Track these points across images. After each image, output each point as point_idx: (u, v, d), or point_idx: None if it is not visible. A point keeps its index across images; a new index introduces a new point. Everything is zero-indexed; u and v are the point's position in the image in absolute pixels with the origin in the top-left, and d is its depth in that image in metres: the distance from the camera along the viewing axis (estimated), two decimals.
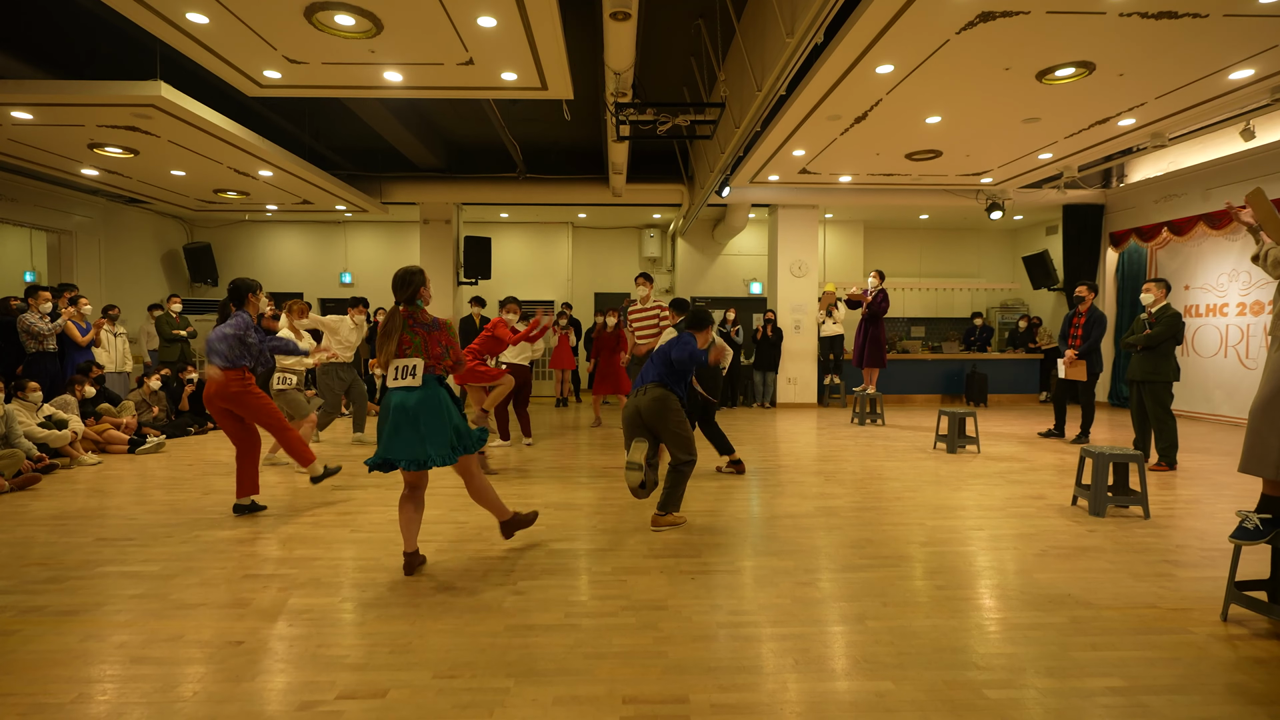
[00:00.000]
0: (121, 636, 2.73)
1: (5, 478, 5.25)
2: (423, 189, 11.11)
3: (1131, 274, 10.90)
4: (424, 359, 3.41)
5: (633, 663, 2.52)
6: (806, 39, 4.64)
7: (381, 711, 2.20)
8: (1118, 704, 2.25)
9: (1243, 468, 2.86)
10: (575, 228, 13.81)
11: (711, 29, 6.54)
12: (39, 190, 9.72)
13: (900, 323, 13.67)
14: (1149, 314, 5.98)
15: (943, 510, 4.66)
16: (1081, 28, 4.91)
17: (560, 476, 5.75)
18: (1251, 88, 6.04)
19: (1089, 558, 3.68)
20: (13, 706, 2.23)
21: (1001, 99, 6.37)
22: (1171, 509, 4.70)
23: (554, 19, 4.98)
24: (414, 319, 3.47)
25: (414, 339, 3.42)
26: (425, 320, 3.48)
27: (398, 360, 3.41)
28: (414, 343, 3.42)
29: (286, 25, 5.15)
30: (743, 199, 10.81)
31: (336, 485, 5.37)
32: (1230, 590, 2.89)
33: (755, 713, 2.20)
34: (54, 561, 3.63)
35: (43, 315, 7.18)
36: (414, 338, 3.43)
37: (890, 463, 6.32)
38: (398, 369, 3.41)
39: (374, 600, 3.10)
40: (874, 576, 3.40)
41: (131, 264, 11.66)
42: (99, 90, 6.15)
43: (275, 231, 13.39)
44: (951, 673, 2.44)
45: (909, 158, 8.49)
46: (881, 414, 9.09)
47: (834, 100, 6.34)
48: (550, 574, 3.43)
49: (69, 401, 6.71)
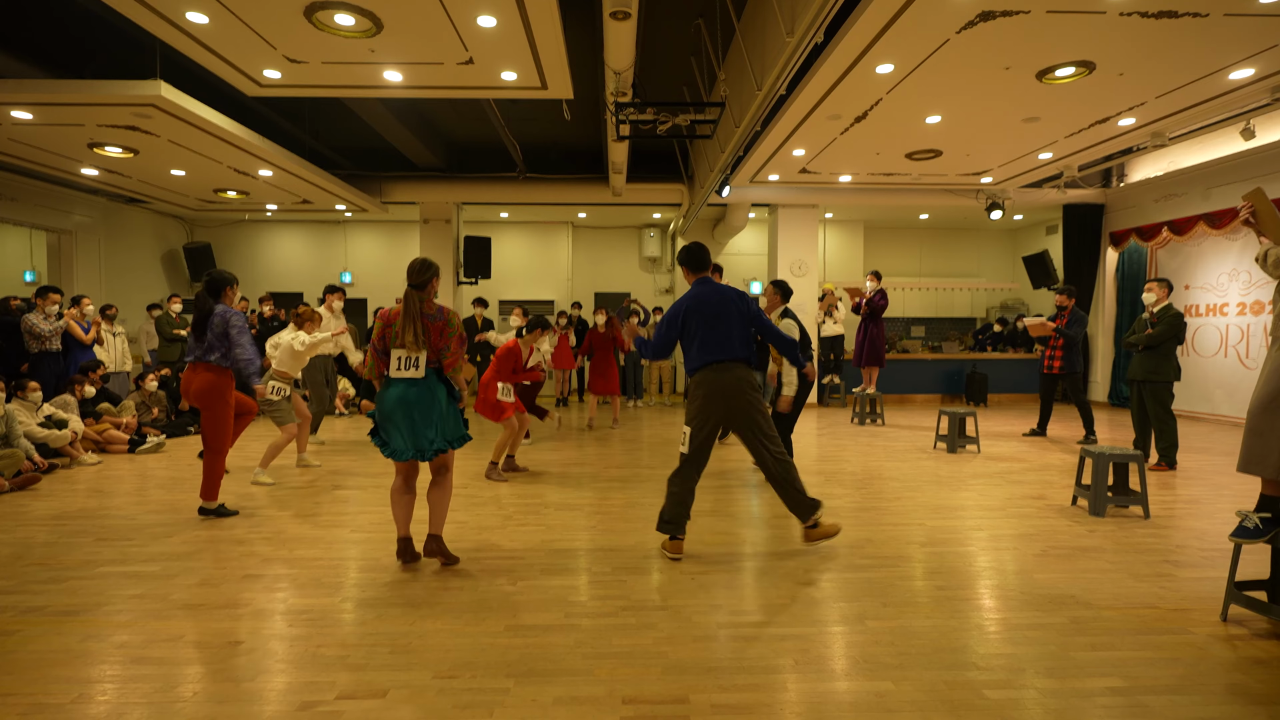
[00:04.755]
0: (121, 636, 2.73)
1: (5, 478, 5.25)
2: (423, 189, 11.11)
3: (1131, 274, 10.90)
4: (426, 350, 3.42)
5: (633, 663, 2.52)
6: (806, 38, 4.64)
7: (381, 711, 2.20)
8: (1118, 704, 2.25)
9: (1242, 467, 2.85)
10: (575, 227, 13.81)
11: (711, 29, 6.54)
12: (39, 190, 9.71)
13: (900, 323, 13.67)
14: (1150, 314, 5.98)
15: (943, 510, 4.66)
16: (1081, 27, 4.91)
17: (560, 476, 5.75)
18: (1251, 87, 6.03)
19: (1089, 558, 3.68)
20: (13, 706, 2.23)
21: (1001, 99, 6.37)
22: (1171, 509, 4.70)
23: (554, 19, 4.97)
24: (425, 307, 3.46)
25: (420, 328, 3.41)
26: (431, 311, 3.46)
27: (401, 351, 3.41)
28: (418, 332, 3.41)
29: (286, 25, 5.15)
30: (743, 199, 10.81)
31: (336, 485, 5.37)
32: (1230, 590, 2.89)
33: (755, 713, 2.20)
34: (54, 561, 3.63)
35: (47, 316, 7.18)
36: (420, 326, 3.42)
37: (890, 463, 6.32)
38: (400, 360, 3.41)
39: (374, 600, 3.10)
40: (874, 576, 3.40)
41: (131, 264, 11.65)
42: (99, 90, 6.15)
43: (275, 231, 13.38)
44: (951, 673, 2.44)
45: (909, 157, 8.49)
46: (881, 414, 9.09)
47: (834, 100, 6.34)
48: (550, 574, 3.43)
49: (69, 401, 6.71)
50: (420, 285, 3.47)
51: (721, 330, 3.68)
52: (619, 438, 7.83)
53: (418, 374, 3.40)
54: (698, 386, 3.71)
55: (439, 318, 3.46)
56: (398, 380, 3.42)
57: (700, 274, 3.89)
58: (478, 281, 11.76)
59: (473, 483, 5.48)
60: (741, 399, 3.64)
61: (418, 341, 3.39)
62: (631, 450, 7.01)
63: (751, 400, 3.65)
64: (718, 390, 3.64)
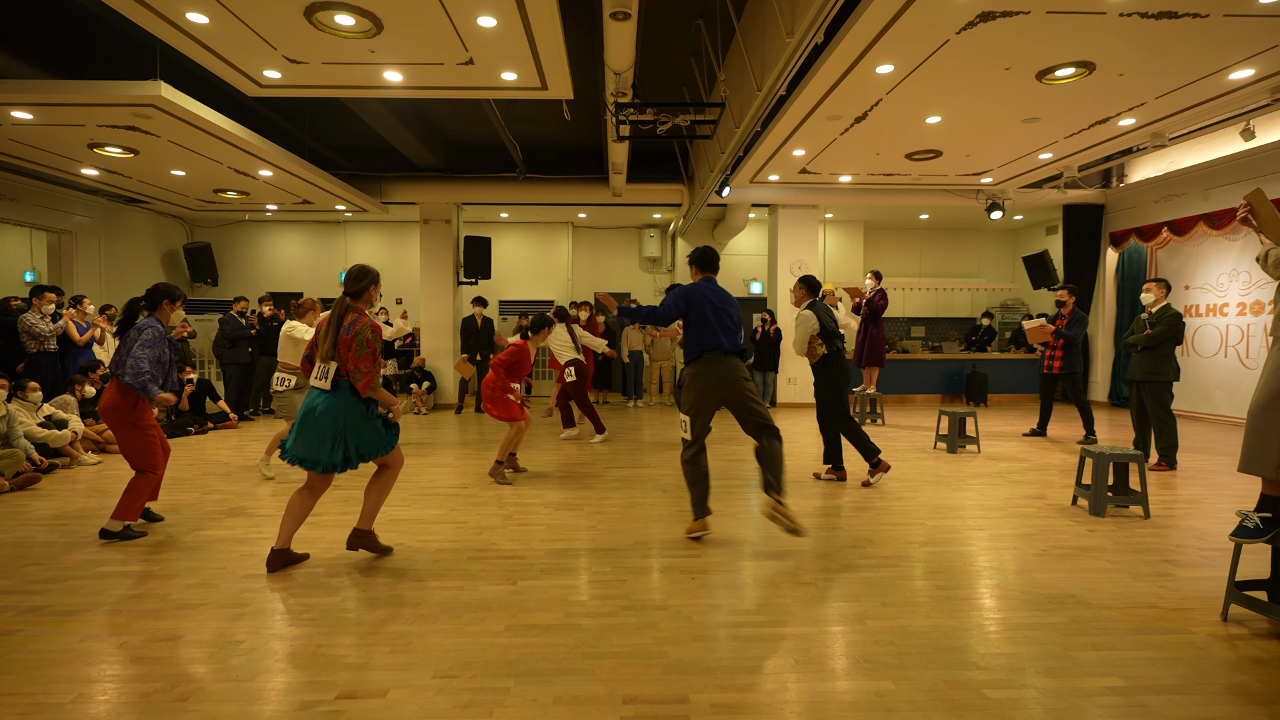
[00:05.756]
0: (121, 636, 2.73)
1: (5, 477, 5.25)
2: (423, 189, 11.11)
3: (1131, 274, 10.90)
4: (337, 362, 3.33)
5: (633, 663, 2.52)
6: (806, 39, 4.64)
7: (381, 711, 2.20)
8: (1118, 704, 2.25)
9: (1242, 467, 2.85)
10: (575, 227, 13.81)
11: (711, 29, 6.54)
12: (39, 190, 9.71)
13: (900, 323, 13.67)
14: (1149, 314, 5.98)
15: (943, 510, 4.66)
16: (1081, 28, 4.91)
17: (560, 476, 5.74)
18: (1251, 88, 6.03)
19: (1089, 558, 3.68)
20: (13, 706, 2.23)
21: (1001, 99, 6.37)
22: (1171, 509, 4.70)
23: (554, 19, 4.97)
24: (345, 318, 3.36)
25: (334, 339, 3.32)
26: (348, 322, 3.33)
27: (320, 361, 3.35)
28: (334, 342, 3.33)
29: (286, 25, 5.15)
30: (743, 199, 10.81)
31: (336, 485, 5.36)
32: (1230, 590, 2.89)
33: (755, 713, 2.20)
34: (54, 561, 3.63)
35: (44, 316, 7.18)
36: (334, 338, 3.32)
37: (890, 462, 6.31)
38: (318, 369, 3.36)
39: (374, 600, 3.10)
40: (874, 576, 3.40)
41: (131, 264, 11.65)
42: (99, 90, 6.15)
43: (275, 231, 13.39)
44: (951, 673, 2.44)
45: (909, 158, 8.49)
46: (881, 414, 9.09)
47: (834, 100, 6.34)
48: (550, 574, 3.43)
49: (69, 401, 6.72)
50: (355, 294, 3.39)
51: (726, 322, 4.01)
52: (618, 437, 7.82)
53: (324, 385, 3.33)
54: (694, 377, 3.99)
55: (348, 331, 3.30)
56: (312, 387, 3.39)
57: (708, 274, 4.22)
58: (478, 282, 11.76)
59: (473, 483, 5.48)
60: (737, 388, 3.95)
61: (333, 352, 3.31)
62: (632, 450, 7.01)
63: (745, 389, 3.97)
64: (714, 380, 3.95)
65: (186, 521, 4.37)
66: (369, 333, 3.30)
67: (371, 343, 3.29)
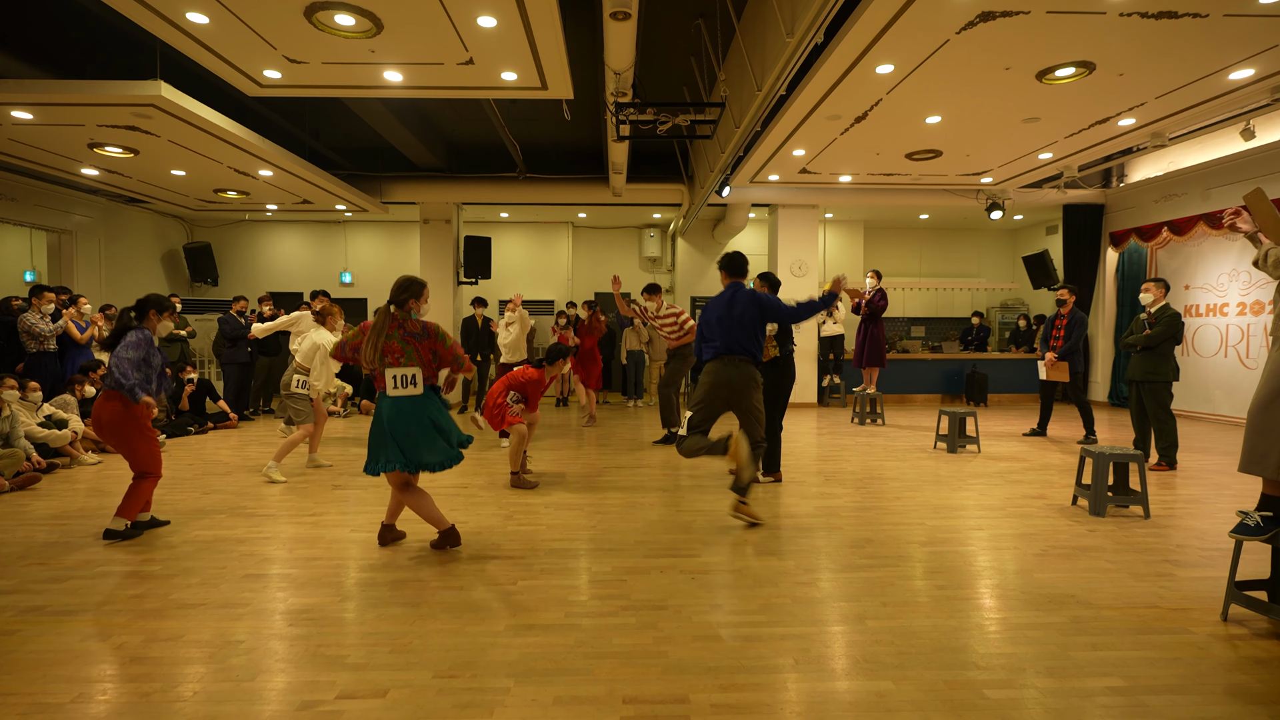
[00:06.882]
0: (121, 636, 2.73)
1: (5, 477, 5.25)
2: (423, 189, 11.11)
3: (1131, 274, 10.90)
4: (420, 367, 3.57)
5: (633, 663, 2.52)
6: (806, 39, 4.64)
7: (381, 711, 2.20)
8: (1118, 704, 2.25)
9: (1243, 467, 2.86)
10: (575, 227, 13.81)
11: (711, 29, 6.54)
12: (39, 190, 9.71)
13: (900, 323, 13.67)
14: (1148, 314, 5.98)
15: (943, 510, 4.66)
16: (1081, 28, 4.91)
17: (560, 476, 5.74)
18: (1251, 88, 6.03)
19: (1089, 558, 3.68)
20: (13, 706, 2.23)
21: (1001, 99, 6.37)
22: (1171, 509, 4.70)
23: (554, 19, 4.97)
24: (403, 327, 3.58)
25: (405, 348, 3.55)
26: (415, 330, 3.59)
27: (396, 370, 3.55)
28: (406, 352, 3.55)
29: (286, 25, 5.15)
30: (743, 199, 10.81)
31: (336, 485, 5.37)
32: (1230, 590, 2.89)
33: (755, 713, 2.20)
34: (54, 561, 3.63)
35: (43, 316, 7.18)
36: (405, 347, 3.55)
37: (890, 463, 6.31)
38: (396, 378, 3.55)
39: (374, 600, 3.10)
40: (874, 576, 3.40)
41: (131, 264, 11.65)
42: (99, 90, 6.15)
43: (275, 231, 13.38)
44: (951, 673, 2.44)
45: (909, 158, 8.49)
46: (881, 414, 9.09)
47: (834, 100, 6.34)
48: (550, 574, 3.43)
49: (69, 401, 6.72)
50: (398, 303, 3.63)
51: (739, 330, 4.23)
52: (618, 437, 7.83)
53: (416, 391, 3.57)
54: (706, 374, 4.29)
55: (425, 337, 3.60)
56: (396, 397, 3.59)
57: (736, 279, 4.44)
58: (478, 281, 11.76)
59: (473, 483, 5.48)
60: (746, 394, 4.20)
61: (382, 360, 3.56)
62: (632, 451, 7.01)
63: (753, 394, 4.23)
64: (724, 381, 4.19)
65: (187, 521, 4.37)
66: (435, 327, 3.64)
67: (448, 333, 3.67)
